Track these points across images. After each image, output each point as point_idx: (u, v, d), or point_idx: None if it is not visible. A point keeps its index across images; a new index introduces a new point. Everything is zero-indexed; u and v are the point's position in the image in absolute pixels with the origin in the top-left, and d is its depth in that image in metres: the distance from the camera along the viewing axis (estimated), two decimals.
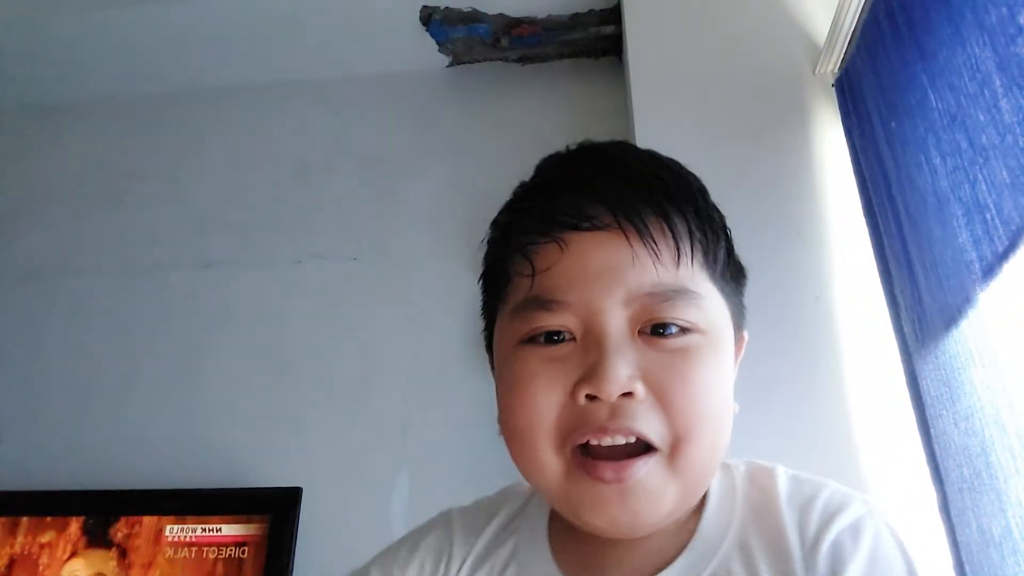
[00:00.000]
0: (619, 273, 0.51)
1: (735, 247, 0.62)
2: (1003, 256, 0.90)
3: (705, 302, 0.54)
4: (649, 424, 0.50)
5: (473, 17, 1.87)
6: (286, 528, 1.50)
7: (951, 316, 1.01)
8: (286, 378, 1.74)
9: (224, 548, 1.50)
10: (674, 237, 0.53)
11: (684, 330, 0.52)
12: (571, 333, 0.52)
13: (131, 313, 1.88)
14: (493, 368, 0.62)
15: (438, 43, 1.95)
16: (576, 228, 0.52)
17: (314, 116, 2.07)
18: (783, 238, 1.40)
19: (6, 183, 2.13)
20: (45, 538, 1.55)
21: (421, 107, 2.03)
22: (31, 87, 2.15)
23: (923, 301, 1.11)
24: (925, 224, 1.10)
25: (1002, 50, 0.90)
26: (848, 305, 1.33)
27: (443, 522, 0.68)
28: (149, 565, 1.51)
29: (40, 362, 1.86)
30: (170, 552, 1.51)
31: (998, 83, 0.90)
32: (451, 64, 2.03)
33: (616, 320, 0.51)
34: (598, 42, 1.92)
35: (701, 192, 0.59)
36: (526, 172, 1.98)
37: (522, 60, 1.99)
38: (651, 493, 0.51)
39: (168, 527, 1.54)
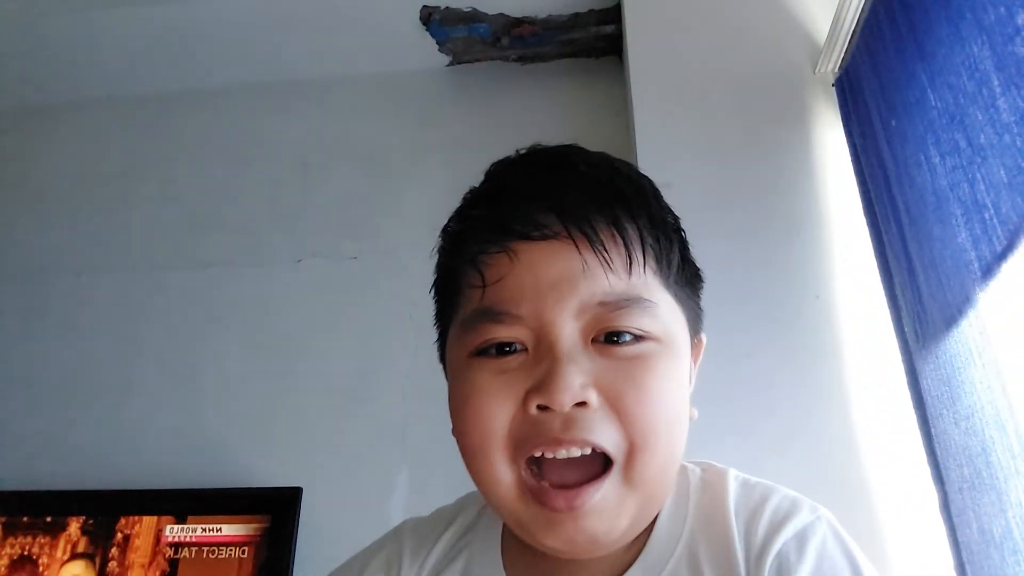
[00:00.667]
0: (571, 284, 0.50)
1: (690, 250, 0.60)
2: (1002, 255, 0.90)
3: (659, 309, 0.52)
4: (603, 434, 0.49)
5: (473, 17, 1.87)
6: (286, 528, 1.50)
7: (951, 315, 1.01)
8: (286, 378, 1.74)
9: (224, 548, 1.50)
10: (626, 245, 0.51)
11: (638, 338, 0.51)
12: (523, 344, 0.51)
13: (130, 313, 1.88)
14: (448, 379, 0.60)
15: (438, 43, 1.95)
16: (526, 238, 0.51)
17: (314, 115, 2.07)
18: (783, 237, 1.40)
19: (4, 183, 2.13)
20: (45, 538, 1.56)
21: (421, 106, 2.03)
22: (30, 87, 2.15)
23: (923, 300, 1.11)
24: (925, 223, 1.10)
25: (1000, 49, 0.89)
26: (848, 304, 1.33)
27: (395, 538, 0.67)
28: (149, 565, 1.51)
29: (39, 362, 1.86)
30: (170, 552, 1.52)
31: (996, 82, 0.90)
32: (451, 63, 2.03)
33: (568, 330, 0.50)
34: (598, 42, 1.92)
35: (655, 196, 0.57)
36: None
37: (522, 60, 1.99)
38: (607, 513, 0.49)
39: (168, 527, 1.54)
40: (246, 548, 1.50)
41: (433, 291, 0.62)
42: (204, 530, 1.52)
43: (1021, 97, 0.85)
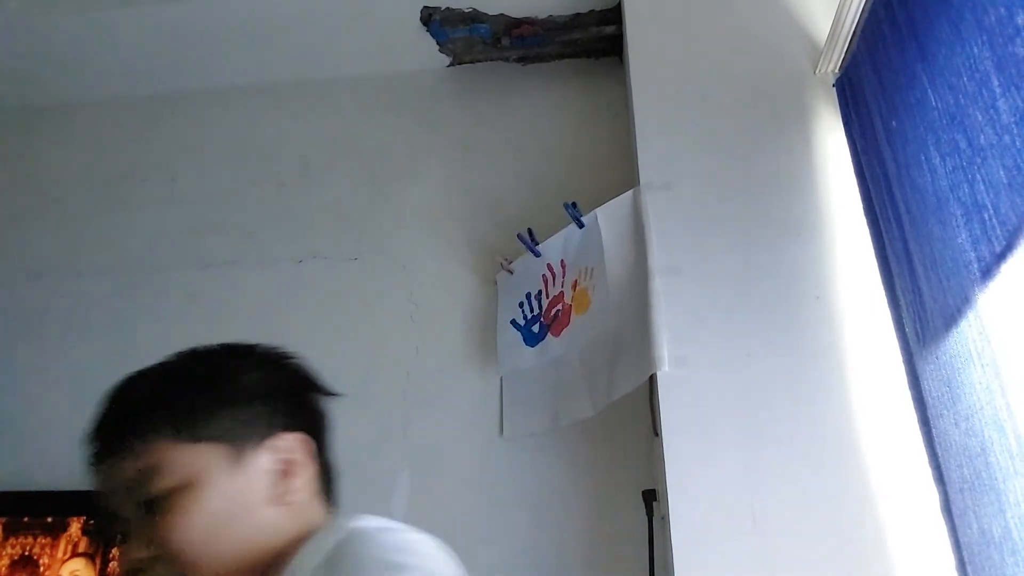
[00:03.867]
0: (110, 483, 0.75)
1: (217, 406, 0.81)
2: (1001, 256, 0.90)
3: (176, 465, 0.73)
4: (157, 568, 0.71)
5: (474, 17, 1.88)
6: None
7: (952, 316, 1.01)
8: None
9: None
10: (127, 443, 0.75)
11: (167, 495, 0.72)
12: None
13: (132, 313, 1.88)
14: None
15: (439, 43, 1.95)
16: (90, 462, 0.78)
17: (315, 116, 2.07)
18: (784, 238, 1.40)
19: (7, 183, 2.13)
20: (45, 538, 1.56)
21: (422, 107, 2.03)
22: (32, 88, 2.15)
23: (924, 301, 1.11)
24: (925, 224, 1.10)
25: (1000, 50, 0.90)
26: (849, 305, 1.33)
27: None
28: None
29: (41, 361, 1.86)
30: None
31: (996, 83, 0.90)
32: (452, 64, 2.03)
33: (130, 512, 0.73)
34: (599, 42, 1.92)
35: (147, 402, 0.80)
36: (526, 172, 1.96)
37: (523, 60, 1.99)
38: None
39: None
40: None
41: None
42: None
43: (1021, 98, 0.85)
